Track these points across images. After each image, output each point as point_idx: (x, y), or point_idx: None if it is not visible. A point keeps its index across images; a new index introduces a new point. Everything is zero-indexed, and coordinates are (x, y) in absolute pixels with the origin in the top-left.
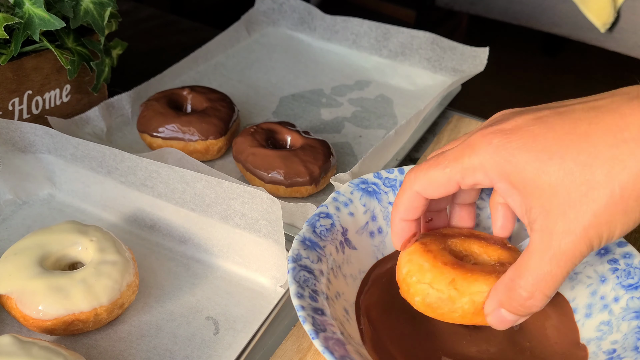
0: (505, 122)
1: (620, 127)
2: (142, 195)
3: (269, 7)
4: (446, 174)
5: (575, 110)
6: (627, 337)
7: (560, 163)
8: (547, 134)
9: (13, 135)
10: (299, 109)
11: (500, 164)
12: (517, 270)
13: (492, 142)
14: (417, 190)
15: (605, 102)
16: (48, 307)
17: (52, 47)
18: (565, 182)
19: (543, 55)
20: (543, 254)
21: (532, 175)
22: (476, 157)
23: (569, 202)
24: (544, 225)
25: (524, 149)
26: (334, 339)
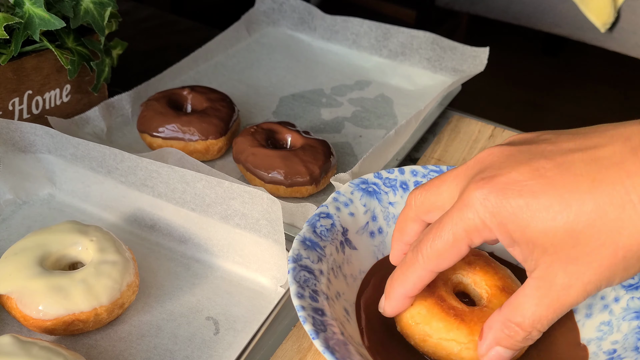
0: (498, 172)
1: (626, 187)
2: (142, 195)
3: (269, 7)
4: (454, 241)
5: (575, 162)
6: (628, 337)
7: (564, 224)
8: (548, 192)
9: (13, 135)
10: (299, 109)
11: (503, 222)
12: (513, 310)
13: (489, 199)
14: (430, 270)
15: (607, 153)
16: (48, 307)
17: (52, 47)
18: (568, 242)
19: (543, 55)
20: (540, 301)
21: (535, 234)
22: (477, 216)
23: (571, 258)
24: (543, 275)
25: (526, 208)
26: (334, 339)
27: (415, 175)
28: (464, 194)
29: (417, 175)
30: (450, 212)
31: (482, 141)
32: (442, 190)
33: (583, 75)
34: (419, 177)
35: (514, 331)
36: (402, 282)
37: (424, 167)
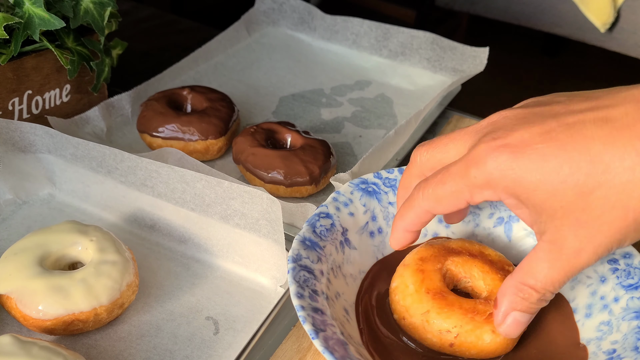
0: (508, 133)
1: (637, 149)
2: (142, 195)
3: (269, 7)
4: (454, 192)
5: (586, 124)
6: (627, 337)
7: (573, 187)
8: (558, 155)
9: (13, 135)
10: (299, 109)
11: (510, 185)
12: (526, 273)
13: (498, 159)
14: (426, 209)
15: (618, 114)
16: (48, 307)
17: (52, 47)
18: (578, 204)
19: (543, 55)
20: (552, 264)
21: (544, 197)
22: (482, 175)
23: (581, 222)
24: (554, 238)
25: (535, 171)
26: (334, 339)
27: None
28: (472, 151)
29: None
30: (458, 164)
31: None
32: (449, 148)
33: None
34: None
35: (528, 293)
36: (402, 216)
37: None
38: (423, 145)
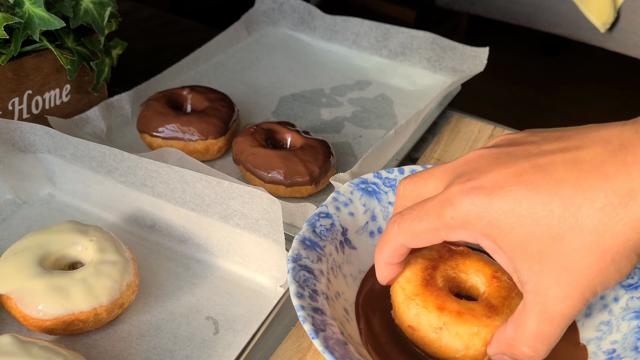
0: (481, 175)
1: (606, 191)
2: (142, 195)
3: (269, 7)
4: (430, 231)
5: (557, 165)
6: (627, 337)
7: (548, 229)
8: (531, 198)
9: (13, 135)
10: (299, 109)
11: (485, 227)
12: (517, 329)
13: (473, 202)
14: (401, 243)
15: (587, 156)
16: (48, 307)
17: (52, 47)
18: (554, 248)
19: (543, 55)
20: (541, 316)
21: (519, 240)
22: (458, 217)
23: (560, 268)
24: (537, 288)
25: (509, 213)
26: (333, 339)
27: None
28: (447, 191)
29: None
30: (433, 202)
31: (482, 141)
32: (428, 183)
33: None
34: None
35: (520, 351)
36: (380, 250)
37: (424, 167)
38: (407, 178)
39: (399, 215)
